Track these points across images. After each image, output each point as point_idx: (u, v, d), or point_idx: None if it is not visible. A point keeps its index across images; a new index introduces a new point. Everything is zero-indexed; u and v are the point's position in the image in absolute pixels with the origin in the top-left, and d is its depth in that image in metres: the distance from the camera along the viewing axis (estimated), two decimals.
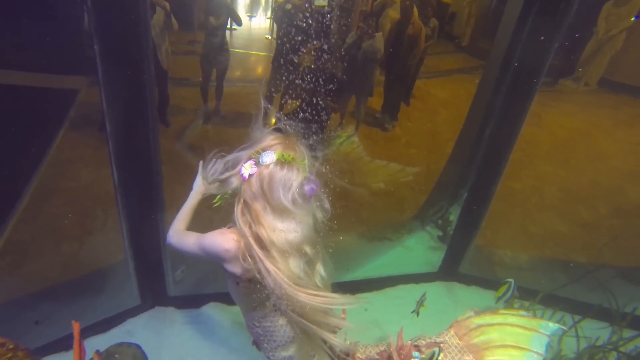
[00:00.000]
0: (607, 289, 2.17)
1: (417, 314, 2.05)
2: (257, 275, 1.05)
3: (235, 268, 1.11)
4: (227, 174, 1.12)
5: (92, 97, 1.58)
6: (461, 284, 2.73)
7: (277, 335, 1.23)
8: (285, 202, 1.02)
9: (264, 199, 1.05)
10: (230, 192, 1.15)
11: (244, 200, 1.08)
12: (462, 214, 2.58)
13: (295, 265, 1.07)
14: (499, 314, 1.41)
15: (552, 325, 1.32)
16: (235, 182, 1.11)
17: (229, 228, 1.13)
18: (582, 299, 2.14)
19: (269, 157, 1.05)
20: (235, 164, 1.11)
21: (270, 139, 1.11)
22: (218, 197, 1.21)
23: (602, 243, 2.64)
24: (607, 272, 2.45)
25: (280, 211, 1.04)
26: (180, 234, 1.25)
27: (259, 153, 1.07)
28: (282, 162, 1.05)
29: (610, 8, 2.44)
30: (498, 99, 2.27)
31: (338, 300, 1.09)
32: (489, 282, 2.67)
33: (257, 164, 1.06)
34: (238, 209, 1.08)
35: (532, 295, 2.26)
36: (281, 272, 1.01)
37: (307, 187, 1.06)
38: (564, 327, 1.31)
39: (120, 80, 1.50)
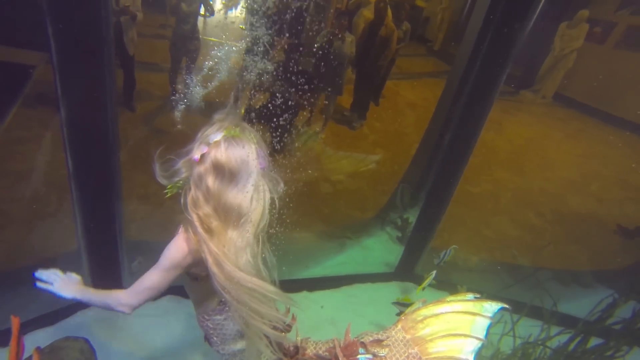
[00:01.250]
0: (543, 290, 2.48)
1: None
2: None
3: (197, 268, 1.18)
4: (179, 164, 1.18)
5: (50, 75, 1.57)
6: (416, 284, 2.90)
7: (226, 328, 1.32)
8: (237, 171, 1.09)
9: (213, 174, 1.10)
10: (181, 181, 1.20)
11: (194, 184, 1.13)
12: (420, 216, 2.78)
13: (240, 247, 1.12)
14: (446, 302, 1.49)
15: (495, 305, 1.42)
16: (184, 170, 1.18)
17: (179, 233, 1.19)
18: (521, 299, 2.42)
19: (217, 135, 1.12)
20: (187, 153, 1.17)
21: (216, 124, 1.17)
22: (169, 186, 1.25)
23: (541, 247, 2.99)
24: (545, 274, 2.79)
25: (231, 184, 1.10)
26: (131, 291, 1.19)
27: (207, 136, 1.14)
28: (229, 136, 1.11)
29: (564, 28, 2.75)
30: (459, 104, 2.45)
31: (271, 289, 1.15)
32: (442, 284, 2.89)
33: (207, 144, 1.12)
34: (189, 196, 1.14)
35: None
36: (222, 253, 1.07)
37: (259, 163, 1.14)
38: (506, 306, 1.43)
39: (76, 64, 1.50)
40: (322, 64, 2.30)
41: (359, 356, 1.38)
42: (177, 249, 1.15)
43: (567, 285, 2.76)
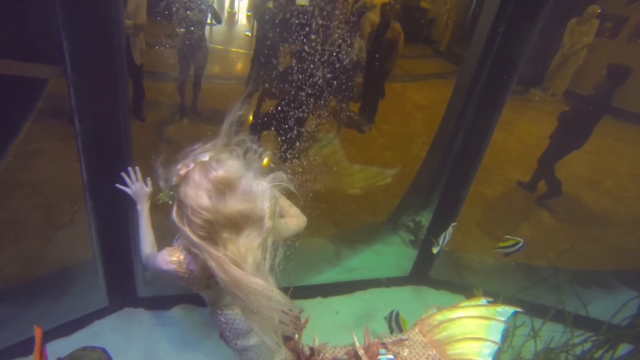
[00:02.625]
0: (573, 293, 2.42)
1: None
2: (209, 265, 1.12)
3: (204, 281, 1.23)
4: (171, 172, 1.22)
5: (62, 88, 1.59)
6: (431, 288, 2.92)
7: (237, 323, 1.34)
8: (224, 186, 1.08)
9: (200, 189, 1.10)
10: (171, 191, 1.24)
11: (179, 199, 1.16)
12: (434, 219, 2.76)
13: (243, 252, 1.13)
14: (460, 307, 1.53)
15: (508, 310, 1.47)
16: (175, 179, 1.20)
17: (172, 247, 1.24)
18: (540, 301, 2.39)
19: (204, 156, 1.18)
20: (174, 166, 1.21)
21: (209, 145, 1.23)
22: (161, 194, 1.32)
23: (561, 249, 2.95)
24: (563, 275, 2.74)
25: (220, 197, 1.10)
26: (150, 259, 1.32)
27: (196, 155, 1.19)
28: (214, 158, 1.15)
29: (574, 25, 2.73)
30: (471, 105, 2.44)
31: (276, 291, 1.16)
32: (457, 287, 2.89)
33: (194, 161, 1.17)
34: (174, 209, 1.16)
35: (495, 298, 2.50)
36: (224, 256, 1.09)
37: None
38: (519, 310, 1.47)
39: (90, 77, 1.53)
40: (333, 70, 2.30)
41: (380, 357, 1.39)
42: (162, 262, 1.21)
43: (587, 287, 2.70)
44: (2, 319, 1.79)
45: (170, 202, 1.23)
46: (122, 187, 1.47)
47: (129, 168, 1.48)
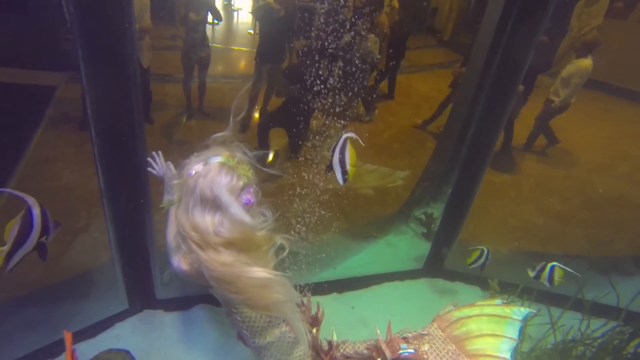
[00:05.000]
0: (609, 282, 2.35)
1: None
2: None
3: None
4: (179, 177, 1.29)
5: (71, 94, 1.61)
6: (445, 280, 2.91)
7: (253, 321, 1.35)
8: (217, 197, 1.16)
9: (194, 197, 1.18)
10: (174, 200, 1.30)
11: (182, 198, 1.23)
12: (446, 211, 2.75)
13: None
14: (476, 306, 1.60)
15: (524, 310, 1.52)
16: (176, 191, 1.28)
17: None
18: (557, 291, 2.37)
19: (216, 159, 1.22)
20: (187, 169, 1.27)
21: (220, 149, 1.28)
22: (164, 203, 1.37)
23: (575, 236, 2.93)
24: (581, 263, 2.73)
25: (212, 205, 1.18)
26: (169, 254, 1.35)
27: (208, 157, 1.24)
28: (225, 163, 1.21)
29: (582, 7, 2.68)
30: (481, 94, 2.40)
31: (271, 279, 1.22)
32: (471, 278, 2.87)
33: (205, 164, 1.23)
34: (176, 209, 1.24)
35: (512, 289, 2.49)
36: (211, 259, 1.15)
37: (244, 196, 1.22)
38: (533, 311, 1.52)
39: (104, 85, 1.54)
40: (346, 66, 2.28)
41: (401, 351, 1.42)
42: (176, 266, 1.31)
43: (606, 274, 2.68)
44: (30, 322, 1.83)
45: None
46: (152, 171, 1.49)
47: (153, 152, 1.50)
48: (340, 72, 2.09)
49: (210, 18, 2.08)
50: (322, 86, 2.00)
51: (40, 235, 1.19)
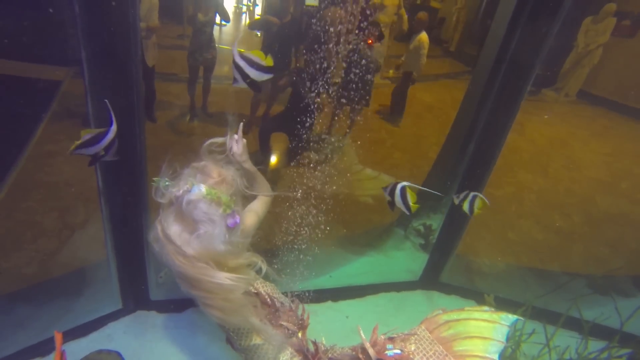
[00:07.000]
0: (612, 300, 2.37)
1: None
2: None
3: None
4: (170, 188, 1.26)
5: (76, 89, 1.61)
6: (441, 293, 2.90)
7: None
8: (196, 222, 1.17)
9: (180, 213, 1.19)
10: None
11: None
12: (445, 223, 2.74)
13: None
14: (464, 311, 1.61)
15: (511, 317, 1.54)
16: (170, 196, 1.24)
17: None
18: (553, 308, 2.36)
19: (200, 189, 1.19)
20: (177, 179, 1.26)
21: (209, 168, 1.27)
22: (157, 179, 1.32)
23: (575, 253, 2.91)
24: (580, 282, 2.71)
25: (191, 230, 1.19)
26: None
27: (193, 182, 1.22)
28: (207, 195, 1.19)
29: (589, 24, 2.69)
30: (485, 107, 2.42)
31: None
32: (468, 292, 2.86)
33: (190, 190, 1.20)
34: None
35: (507, 305, 2.47)
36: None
37: (229, 221, 1.22)
38: (521, 318, 1.56)
39: (107, 84, 1.54)
40: (350, 74, 2.28)
41: (387, 352, 1.43)
42: None
43: (605, 294, 2.66)
44: (21, 319, 1.82)
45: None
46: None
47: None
48: (345, 76, 2.09)
49: (218, 19, 2.08)
50: (324, 90, 2.00)
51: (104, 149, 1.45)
